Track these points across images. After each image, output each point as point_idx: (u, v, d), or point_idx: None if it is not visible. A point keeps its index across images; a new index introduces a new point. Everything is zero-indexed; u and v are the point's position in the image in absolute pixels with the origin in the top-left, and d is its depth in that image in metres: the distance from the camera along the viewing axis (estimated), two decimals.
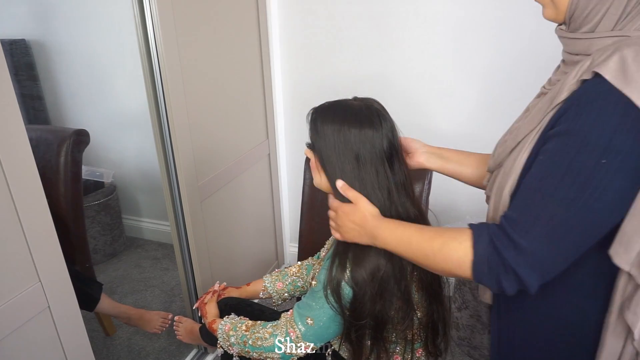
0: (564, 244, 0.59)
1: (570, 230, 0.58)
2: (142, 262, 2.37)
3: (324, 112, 0.86)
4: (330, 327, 0.88)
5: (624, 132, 0.54)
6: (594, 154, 0.55)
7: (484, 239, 0.63)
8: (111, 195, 2.34)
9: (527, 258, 0.60)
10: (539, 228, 0.59)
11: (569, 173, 0.57)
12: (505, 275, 0.61)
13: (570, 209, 0.57)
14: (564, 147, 0.58)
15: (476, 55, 1.62)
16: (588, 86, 0.57)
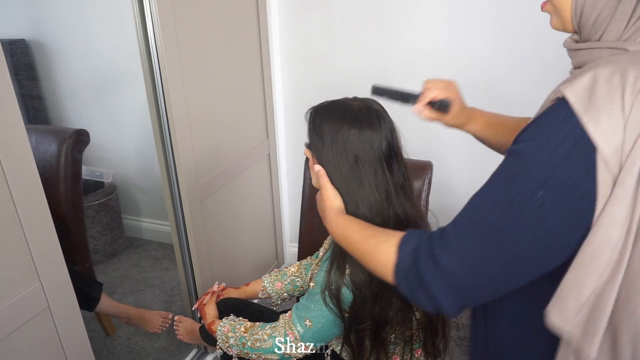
0: (485, 274, 0.53)
1: (494, 261, 0.53)
2: (142, 262, 2.37)
3: (323, 111, 0.86)
4: (328, 328, 0.88)
5: (569, 167, 0.47)
6: (531, 185, 0.49)
7: (409, 247, 0.60)
8: (111, 195, 2.34)
9: (444, 277, 0.55)
10: (463, 250, 0.54)
11: (502, 200, 0.52)
12: (420, 289, 0.57)
13: (496, 239, 0.52)
14: (507, 169, 0.53)
15: (476, 55, 1.62)
16: (554, 106, 0.51)
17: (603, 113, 0.46)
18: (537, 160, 0.49)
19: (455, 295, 0.55)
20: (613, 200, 0.46)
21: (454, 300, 0.55)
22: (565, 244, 0.50)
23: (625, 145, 0.46)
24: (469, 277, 0.54)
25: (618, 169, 0.46)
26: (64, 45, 2.28)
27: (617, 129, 0.46)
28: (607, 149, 0.46)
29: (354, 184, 0.83)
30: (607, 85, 0.47)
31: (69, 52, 2.28)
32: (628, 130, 0.45)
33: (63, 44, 2.28)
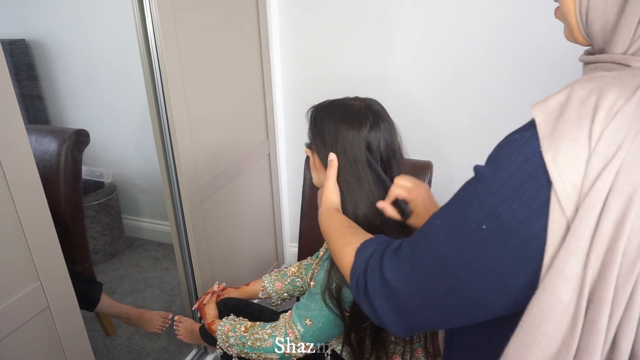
0: (427, 299, 0.49)
1: (436, 287, 0.47)
2: (142, 262, 2.37)
3: (323, 110, 0.87)
4: (329, 327, 0.88)
5: (519, 201, 0.40)
6: (478, 214, 0.43)
7: (366, 253, 0.57)
8: (111, 195, 2.34)
9: (387, 292, 0.51)
10: (409, 269, 0.50)
11: (452, 223, 0.46)
12: (365, 299, 0.54)
13: (440, 264, 0.47)
14: (464, 189, 0.47)
15: (477, 55, 1.62)
16: (526, 124, 0.43)
17: (566, 140, 0.38)
18: (488, 187, 0.43)
19: (397, 313, 0.51)
20: (565, 251, 0.38)
21: (395, 318, 0.52)
22: (510, 291, 0.43)
23: (585, 183, 0.37)
24: (411, 297, 0.50)
25: (574, 212, 0.38)
26: (64, 45, 2.28)
27: (579, 162, 0.38)
28: (562, 186, 0.38)
29: (353, 183, 0.83)
30: (580, 107, 0.39)
31: (69, 52, 2.28)
32: (591, 165, 0.37)
33: (63, 44, 2.28)
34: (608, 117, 0.37)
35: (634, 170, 0.36)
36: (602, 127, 0.37)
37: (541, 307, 0.39)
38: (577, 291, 0.38)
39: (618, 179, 0.36)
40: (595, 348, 0.38)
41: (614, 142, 0.37)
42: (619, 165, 0.36)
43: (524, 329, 0.41)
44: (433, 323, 0.51)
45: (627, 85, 0.38)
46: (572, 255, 0.38)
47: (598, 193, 0.37)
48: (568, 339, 0.39)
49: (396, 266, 0.51)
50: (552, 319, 0.39)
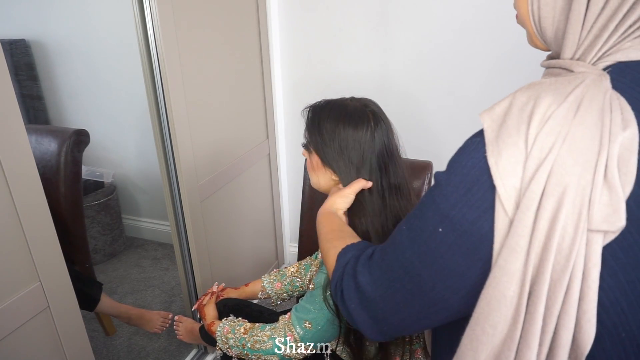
0: (396, 303, 0.50)
1: (403, 291, 0.49)
2: (142, 262, 2.37)
3: (320, 110, 0.86)
4: (328, 329, 0.88)
5: (469, 203, 0.42)
6: (435, 218, 0.45)
7: (345, 258, 0.59)
8: (111, 195, 2.34)
9: (360, 297, 0.53)
10: (379, 273, 0.52)
11: (412, 228, 0.49)
12: (341, 303, 0.56)
13: (405, 268, 0.49)
14: (426, 195, 0.49)
15: (476, 55, 1.62)
16: (477, 132, 0.45)
17: (507, 145, 0.40)
18: (443, 191, 0.45)
19: (371, 317, 0.53)
20: (506, 249, 0.40)
21: (369, 321, 0.53)
22: (470, 290, 0.44)
23: (522, 185, 0.39)
24: (382, 302, 0.51)
25: (515, 212, 0.40)
26: (64, 45, 2.28)
27: (517, 166, 0.40)
28: (503, 189, 0.40)
29: (348, 181, 0.83)
30: (519, 113, 0.41)
31: (69, 52, 2.28)
32: (527, 167, 0.39)
33: (63, 44, 2.28)
34: (542, 122, 0.39)
35: (563, 172, 0.38)
36: (537, 131, 0.39)
37: (488, 300, 0.42)
38: (519, 286, 0.40)
39: (550, 180, 0.38)
40: (533, 337, 0.40)
41: (546, 146, 0.39)
42: (550, 167, 0.38)
43: (475, 320, 0.43)
44: (405, 326, 0.53)
45: (561, 91, 0.40)
46: (513, 253, 0.40)
47: (533, 194, 0.39)
48: (512, 329, 0.41)
49: (368, 271, 0.54)
50: (497, 311, 0.41)
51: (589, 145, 0.38)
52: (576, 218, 0.38)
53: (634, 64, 0.42)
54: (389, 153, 0.85)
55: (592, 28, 0.43)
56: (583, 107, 0.39)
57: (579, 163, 0.38)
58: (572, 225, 0.38)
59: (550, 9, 0.46)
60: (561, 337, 0.40)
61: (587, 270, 0.38)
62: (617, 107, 0.39)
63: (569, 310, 0.39)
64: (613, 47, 0.43)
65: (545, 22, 0.47)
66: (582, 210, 0.38)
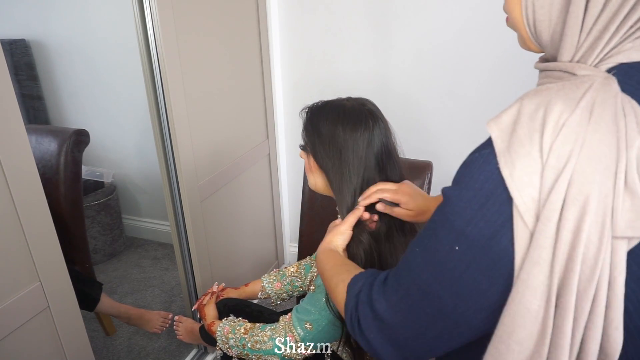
0: (418, 327, 0.49)
1: (423, 314, 0.48)
2: (142, 262, 2.37)
3: (318, 111, 0.86)
4: (329, 331, 0.88)
5: (485, 218, 0.41)
6: (450, 236, 0.44)
7: (356, 288, 0.57)
8: (111, 195, 2.34)
9: (379, 325, 0.51)
10: (396, 299, 0.50)
11: (426, 249, 0.47)
12: (360, 334, 0.54)
13: (423, 290, 0.47)
14: (436, 213, 0.47)
15: (476, 55, 1.62)
16: (484, 143, 0.44)
17: (521, 156, 0.39)
18: (456, 208, 0.43)
19: (391, 345, 0.51)
20: (529, 262, 0.39)
21: (391, 350, 0.52)
22: (493, 308, 0.43)
23: (541, 196, 0.38)
24: (402, 327, 0.50)
25: (535, 224, 0.39)
26: (64, 45, 2.28)
27: (534, 176, 0.39)
28: (521, 200, 0.39)
29: (349, 179, 0.83)
30: (530, 121, 0.40)
31: (69, 52, 2.28)
32: (545, 178, 0.38)
33: (63, 44, 2.28)
34: (555, 131, 0.38)
35: (583, 180, 0.37)
36: (551, 140, 0.38)
37: (512, 316, 0.40)
38: (544, 299, 0.39)
39: (570, 190, 0.37)
40: (563, 351, 0.39)
41: (563, 154, 0.38)
42: (569, 176, 0.37)
43: (498, 337, 0.42)
44: (428, 350, 0.51)
45: (571, 97, 0.39)
46: (536, 266, 0.39)
47: (553, 205, 0.38)
48: (539, 344, 0.40)
49: (384, 297, 0.52)
50: (522, 327, 0.40)
51: (606, 152, 0.37)
52: (600, 227, 0.37)
53: (637, 65, 0.42)
54: (387, 152, 0.85)
55: (592, 30, 0.42)
56: (596, 113, 0.38)
57: (598, 171, 0.37)
58: (597, 234, 0.37)
59: (547, 11, 0.45)
60: (589, 347, 0.39)
61: (613, 278, 0.38)
62: (631, 111, 0.38)
63: (595, 320, 0.38)
64: (614, 48, 0.42)
65: (541, 26, 0.47)
66: (605, 218, 0.37)
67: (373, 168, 0.83)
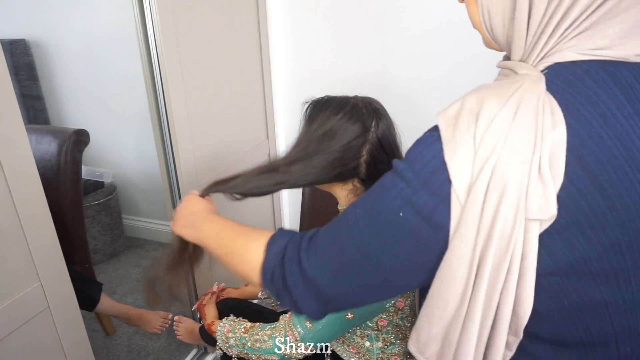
0: (347, 284, 0.53)
1: (355, 273, 0.52)
2: (142, 262, 2.37)
3: (321, 104, 0.86)
4: (329, 329, 0.88)
5: (429, 192, 0.46)
6: (396, 202, 0.48)
7: (278, 246, 0.59)
8: (111, 195, 2.34)
9: (306, 282, 0.54)
10: (327, 257, 0.53)
11: (371, 211, 0.51)
12: (284, 291, 0.56)
13: (360, 250, 0.51)
14: (383, 180, 0.51)
15: (476, 55, 1.62)
16: (434, 125, 0.50)
17: (459, 144, 0.44)
18: (405, 178, 0.48)
19: (317, 300, 0.55)
20: (457, 236, 0.45)
21: (315, 304, 0.55)
22: (426, 268, 0.49)
23: (471, 181, 0.44)
24: (331, 284, 0.53)
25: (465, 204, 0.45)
26: (64, 45, 2.28)
27: (467, 163, 0.44)
28: (459, 184, 0.44)
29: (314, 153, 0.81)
30: (469, 114, 0.45)
31: (69, 52, 2.28)
32: (474, 165, 0.43)
33: (63, 44, 2.28)
34: (487, 124, 0.43)
35: (504, 169, 0.42)
36: (482, 132, 0.43)
37: (442, 280, 0.47)
38: (467, 268, 0.45)
39: (493, 177, 0.43)
40: (476, 312, 0.46)
41: (490, 145, 0.43)
42: (493, 165, 0.43)
43: (430, 295, 0.49)
44: (352, 304, 0.57)
45: (503, 94, 0.44)
46: (463, 240, 0.45)
47: (479, 189, 0.43)
48: (460, 305, 0.47)
49: (314, 255, 0.54)
50: (448, 290, 0.47)
51: (525, 145, 0.42)
52: (515, 209, 0.42)
53: (568, 65, 0.46)
54: (390, 151, 0.85)
55: (535, 33, 0.47)
56: (520, 110, 0.43)
57: (517, 161, 0.42)
58: (512, 215, 0.43)
59: (500, 19, 0.50)
60: (502, 311, 0.46)
61: (525, 253, 0.44)
62: (549, 109, 0.43)
63: (509, 287, 0.45)
64: (552, 48, 0.47)
65: (496, 30, 0.51)
66: (519, 202, 0.42)
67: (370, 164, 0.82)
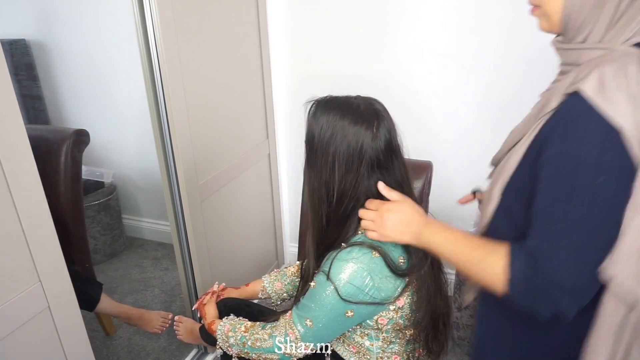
0: (588, 263, 0.59)
1: (591, 249, 0.59)
2: (142, 262, 2.37)
3: (324, 104, 0.86)
4: (329, 328, 0.88)
5: (610, 151, 0.55)
6: (589, 175, 0.56)
7: (521, 261, 0.63)
8: (111, 195, 2.34)
9: (558, 283, 0.59)
10: (562, 253, 0.59)
11: (573, 196, 0.58)
12: (540, 300, 0.61)
13: (585, 229, 0.58)
14: (561, 171, 0.59)
15: (477, 55, 1.62)
16: (569, 104, 0.59)
17: (617, 100, 0.54)
18: (582, 153, 0.56)
19: (572, 295, 0.60)
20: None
21: (571, 300, 0.60)
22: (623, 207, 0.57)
23: (637, 125, 0.54)
24: (578, 273, 0.59)
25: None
26: (64, 45, 2.28)
27: (630, 112, 0.54)
28: (629, 128, 0.54)
29: (322, 170, 0.84)
30: (614, 79, 0.55)
31: (69, 52, 2.28)
32: (637, 114, 0.54)
33: (63, 44, 2.28)
34: (638, 84, 0.55)
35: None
36: (637, 90, 0.55)
37: (636, 204, 0.56)
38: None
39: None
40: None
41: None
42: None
43: (626, 221, 0.57)
44: (597, 283, 0.60)
45: (633, 62, 0.57)
46: None
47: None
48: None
49: (549, 261, 0.60)
50: None
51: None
52: None
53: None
54: (392, 151, 0.85)
55: (621, 17, 0.59)
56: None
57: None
58: None
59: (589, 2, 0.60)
60: None
61: None
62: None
63: None
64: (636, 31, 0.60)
65: (577, 14, 0.61)
66: None
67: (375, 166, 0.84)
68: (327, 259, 0.87)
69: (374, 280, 0.82)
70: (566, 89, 0.60)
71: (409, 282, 0.86)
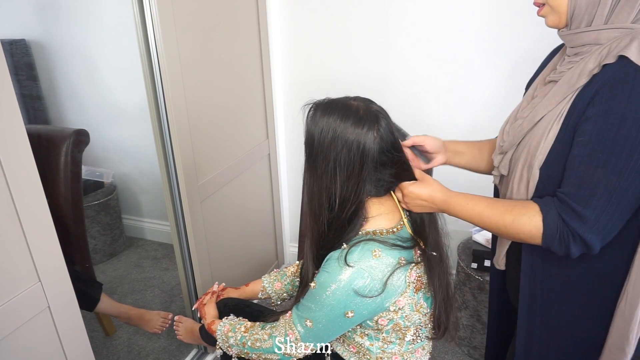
0: (620, 207, 0.68)
1: (625, 193, 0.67)
2: (142, 262, 2.37)
3: (323, 106, 0.86)
4: (329, 328, 0.88)
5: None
6: (634, 127, 0.64)
7: (553, 214, 0.72)
8: (111, 195, 2.34)
9: (591, 225, 0.70)
10: (597, 198, 0.68)
11: (615, 146, 0.66)
12: (574, 242, 0.71)
13: (622, 175, 0.66)
14: (605, 124, 0.66)
15: (476, 54, 1.62)
16: (614, 69, 0.66)
17: None
18: (631, 109, 0.63)
19: (602, 234, 0.70)
20: None
21: (601, 238, 0.70)
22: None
23: None
24: (611, 215, 0.69)
25: None
26: (64, 45, 2.28)
27: None
28: None
29: (325, 171, 0.84)
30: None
31: (69, 52, 2.28)
32: None
33: (63, 44, 2.28)
34: None
35: None
36: None
37: None
38: None
39: None
40: None
41: None
42: None
43: None
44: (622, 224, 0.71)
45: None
46: None
47: None
48: None
49: (585, 205, 0.69)
50: None
51: None
52: None
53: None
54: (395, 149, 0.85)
55: None
56: None
57: None
58: None
59: None
60: None
61: None
62: None
63: None
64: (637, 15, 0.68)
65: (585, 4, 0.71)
66: None
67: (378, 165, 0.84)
68: (328, 259, 0.87)
69: (374, 281, 0.82)
70: (603, 60, 0.67)
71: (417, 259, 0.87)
